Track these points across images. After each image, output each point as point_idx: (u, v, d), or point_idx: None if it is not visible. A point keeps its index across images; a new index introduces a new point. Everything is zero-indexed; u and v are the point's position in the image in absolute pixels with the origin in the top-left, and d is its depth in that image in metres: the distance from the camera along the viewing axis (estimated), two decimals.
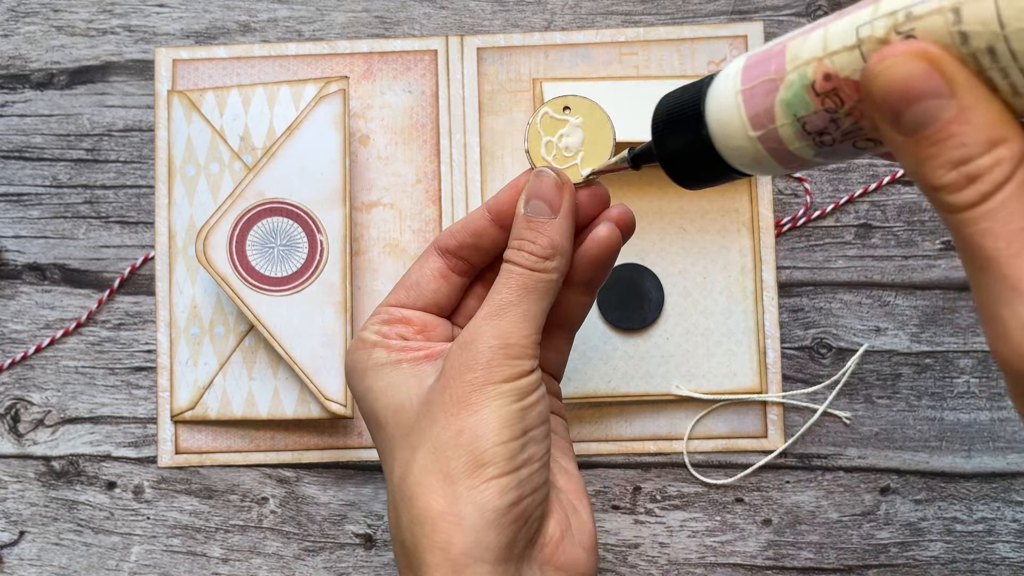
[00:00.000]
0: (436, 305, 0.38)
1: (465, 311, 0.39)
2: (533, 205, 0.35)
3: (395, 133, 0.50)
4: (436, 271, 0.38)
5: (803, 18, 0.50)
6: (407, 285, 0.38)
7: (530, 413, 0.34)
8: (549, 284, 0.35)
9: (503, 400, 0.33)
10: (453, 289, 0.38)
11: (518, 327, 0.34)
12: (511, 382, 0.33)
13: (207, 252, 0.47)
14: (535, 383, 0.34)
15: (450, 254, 0.37)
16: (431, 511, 0.32)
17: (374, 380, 0.36)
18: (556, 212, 0.35)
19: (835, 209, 0.49)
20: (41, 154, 0.51)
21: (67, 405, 0.50)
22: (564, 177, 0.36)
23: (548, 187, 0.35)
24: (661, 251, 0.49)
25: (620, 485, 0.48)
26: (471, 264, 0.38)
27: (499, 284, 0.35)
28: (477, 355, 0.33)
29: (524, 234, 0.35)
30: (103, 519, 0.49)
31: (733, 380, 0.48)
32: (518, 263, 0.35)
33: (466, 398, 0.33)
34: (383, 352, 0.36)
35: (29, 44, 0.51)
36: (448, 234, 0.37)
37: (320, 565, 0.48)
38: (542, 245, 0.35)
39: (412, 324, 0.37)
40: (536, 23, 0.51)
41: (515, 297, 0.34)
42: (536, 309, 0.34)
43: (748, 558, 0.48)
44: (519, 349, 0.34)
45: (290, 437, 0.49)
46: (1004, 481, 0.48)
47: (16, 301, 0.50)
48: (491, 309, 0.34)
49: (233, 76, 0.51)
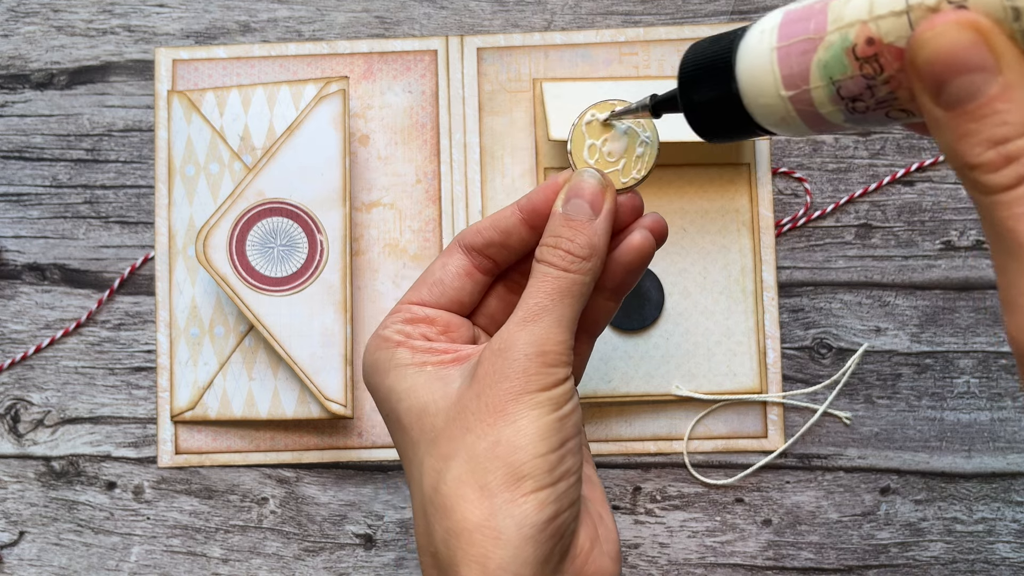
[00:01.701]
0: (459, 304, 0.37)
1: (486, 311, 0.38)
2: (574, 204, 0.34)
3: (395, 133, 0.50)
4: (461, 269, 0.36)
5: None
6: (430, 283, 0.37)
7: (567, 424, 0.33)
8: (584, 287, 0.34)
9: (541, 410, 0.32)
10: (476, 288, 0.37)
11: (553, 333, 0.33)
12: (548, 391, 0.33)
13: (207, 252, 0.47)
14: (570, 391, 0.34)
15: (475, 252, 0.36)
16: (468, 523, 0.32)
17: (397, 381, 0.35)
18: (597, 213, 0.34)
19: (835, 209, 0.49)
20: (41, 154, 0.51)
21: (67, 405, 0.50)
22: (607, 180, 0.35)
23: (591, 187, 0.34)
24: (661, 251, 0.49)
25: (620, 485, 0.48)
26: (496, 263, 0.37)
27: (532, 287, 0.34)
28: (513, 363, 0.32)
29: (562, 232, 0.34)
30: (103, 519, 0.49)
31: (733, 380, 0.48)
32: (553, 263, 0.34)
33: (502, 407, 0.32)
34: (407, 352, 0.35)
35: (29, 44, 0.51)
36: (474, 231, 0.36)
37: (320, 565, 0.48)
38: (580, 244, 0.34)
39: (435, 324, 0.36)
40: (536, 23, 0.51)
41: (550, 301, 0.33)
42: (570, 313, 0.34)
43: (748, 558, 0.48)
44: (555, 356, 0.33)
45: (290, 437, 0.49)
46: (1004, 481, 0.48)
47: (16, 301, 0.50)
48: (525, 314, 0.33)
49: (233, 76, 0.51)
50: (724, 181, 0.49)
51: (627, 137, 0.35)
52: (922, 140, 0.49)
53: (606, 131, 0.35)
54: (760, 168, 0.49)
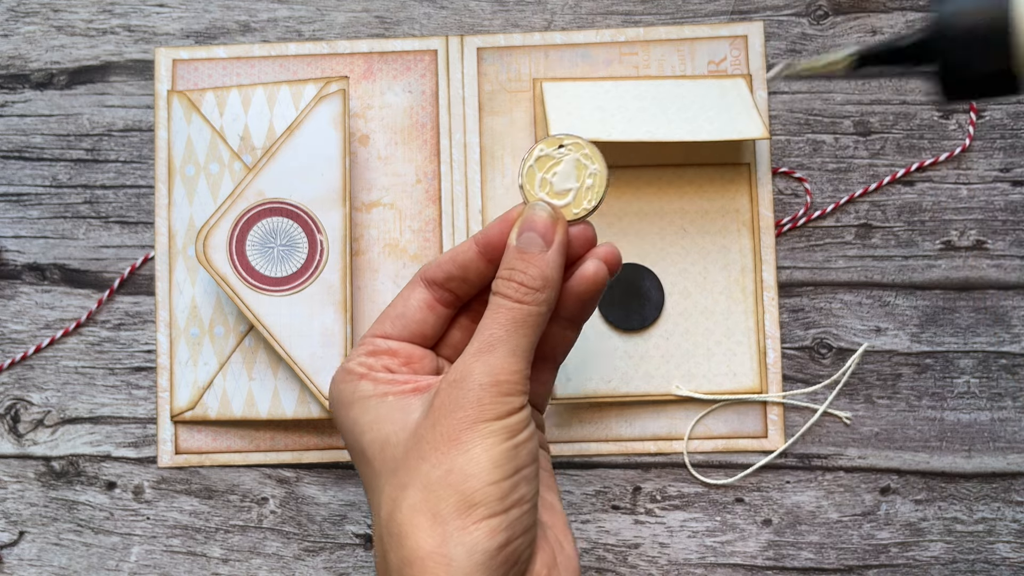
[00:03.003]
0: (422, 336, 0.38)
1: (450, 342, 0.39)
2: (526, 237, 0.35)
3: (395, 133, 0.50)
4: (422, 302, 0.38)
5: (803, 18, 0.50)
6: (392, 316, 0.38)
7: (521, 452, 0.33)
8: (538, 317, 0.35)
9: (494, 439, 0.33)
10: (439, 320, 0.38)
11: (508, 363, 0.34)
12: (502, 419, 0.33)
13: (207, 252, 0.47)
14: (525, 420, 0.34)
15: (436, 285, 0.38)
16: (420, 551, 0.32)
17: (360, 413, 0.36)
18: (549, 245, 0.35)
19: (835, 209, 0.49)
20: (41, 154, 0.51)
21: (67, 405, 0.50)
22: (558, 212, 0.36)
23: (542, 220, 0.35)
24: (661, 251, 0.49)
25: (620, 485, 0.48)
26: (457, 296, 0.38)
27: (488, 319, 0.35)
28: (467, 392, 0.33)
29: (515, 264, 0.35)
30: (103, 519, 0.49)
31: (733, 380, 0.48)
32: (508, 295, 0.35)
33: (456, 436, 0.33)
34: (369, 384, 0.36)
35: (29, 44, 0.51)
36: (435, 266, 0.38)
37: (320, 565, 0.48)
38: (533, 276, 0.35)
39: (398, 356, 0.37)
40: (536, 23, 0.51)
41: (504, 332, 0.34)
42: (525, 343, 0.35)
43: (748, 558, 0.48)
44: (509, 386, 0.34)
45: (290, 437, 0.49)
46: (1004, 481, 0.48)
47: (16, 301, 0.50)
48: (480, 345, 0.34)
49: (233, 76, 0.51)
50: (724, 181, 0.49)
51: (575, 169, 0.36)
52: (922, 140, 0.49)
53: (556, 164, 0.37)
54: (760, 168, 0.49)
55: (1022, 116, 0.49)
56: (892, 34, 0.50)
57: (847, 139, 0.49)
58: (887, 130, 0.49)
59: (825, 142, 0.50)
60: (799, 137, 0.50)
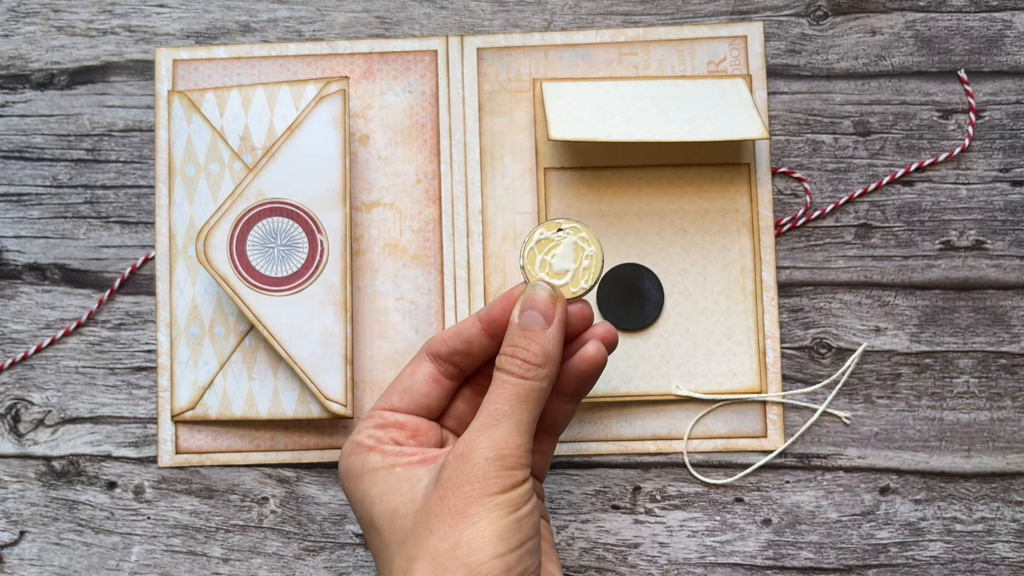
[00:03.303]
0: (427, 408, 0.40)
1: (454, 413, 0.41)
2: (528, 316, 0.37)
3: (395, 133, 0.50)
4: (428, 376, 0.40)
5: (802, 18, 0.50)
6: (400, 389, 0.40)
7: (525, 525, 0.35)
8: (540, 392, 0.37)
9: (499, 512, 0.34)
10: (443, 393, 0.40)
11: (512, 437, 0.36)
12: (506, 493, 0.35)
13: (207, 252, 0.47)
14: (528, 493, 0.36)
15: (441, 359, 0.40)
16: None
17: (370, 485, 0.37)
18: (549, 323, 0.37)
19: (835, 209, 0.49)
20: (41, 154, 0.51)
21: (67, 405, 0.50)
22: (558, 291, 0.38)
23: (543, 299, 0.38)
24: (661, 251, 0.49)
25: (620, 485, 0.48)
26: (461, 369, 0.40)
27: (492, 394, 0.37)
28: (473, 467, 0.35)
29: (518, 342, 0.37)
30: (103, 519, 0.49)
31: (733, 380, 0.48)
32: (511, 372, 0.37)
33: (463, 510, 0.34)
34: (378, 456, 0.38)
35: (29, 44, 0.51)
36: (439, 341, 0.40)
37: (320, 565, 0.48)
38: (535, 353, 0.37)
39: (405, 428, 0.39)
40: (536, 23, 0.51)
41: (508, 407, 0.36)
42: (528, 417, 0.36)
43: (748, 558, 0.48)
44: (513, 459, 0.35)
45: (290, 437, 0.49)
46: (1004, 481, 0.48)
47: (16, 301, 0.50)
48: (485, 420, 0.36)
49: (233, 76, 0.51)
50: (724, 181, 0.49)
51: (572, 251, 0.39)
52: (921, 140, 0.49)
53: (555, 247, 0.39)
54: (760, 168, 0.49)
55: (1021, 116, 0.49)
56: (892, 35, 0.50)
57: (847, 139, 0.50)
58: (887, 130, 0.49)
59: (825, 142, 0.50)
60: (799, 137, 0.50)
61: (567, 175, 0.49)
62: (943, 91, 0.50)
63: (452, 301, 0.49)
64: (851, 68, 0.50)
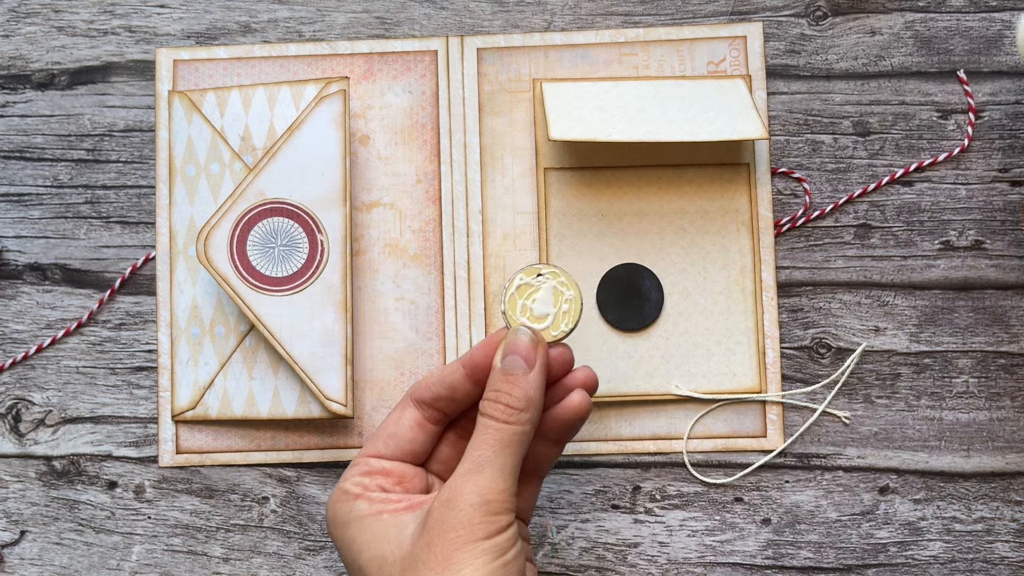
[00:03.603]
0: (412, 454, 0.40)
1: (439, 458, 0.41)
2: (510, 360, 0.38)
3: (395, 133, 0.50)
4: (412, 421, 0.40)
5: (802, 19, 0.50)
6: (384, 436, 0.40)
7: (511, 569, 0.35)
8: (523, 436, 0.37)
9: (485, 558, 0.35)
10: (428, 438, 0.40)
11: (496, 482, 0.36)
12: (491, 539, 0.35)
13: (208, 252, 0.47)
14: (513, 537, 0.36)
15: (425, 405, 0.40)
16: None
17: (357, 532, 0.38)
18: (531, 367, 0.38)
19: (834, 209, 0.49)
20: (42, 154, 0.51)
21: (68, 405, 0.50)
22: (539, 336, 0.39)
23: (524, 344, 0.38)
24: (661, 251, 0.49)
25: (620, 484, 0.48)
26: (445, 414, 0.41)
27: (476, 440, 0.37)
28: (459, 513, 0.35)
29: (500, 386, 0.38)
30: (104, 519, 0.49)
31: (732, 380, 0.48)
32: (494, 416, 0.37)
33: (449, 556, 0.35)
34: (365, 504, 0.38)
35: (30, 44, 0.51)
36: (423, 387, 0.40)
37: (321, 564, 0.48)
38: (517, 397, 0.37)
39: (391, 475, 0.40)
40: (536, 24, 0.51)
41: (492, 453, 0.37)
42: (512, 461, 0.37)
43: (747, 557, 0.48)
44: (498, 504, 0.36)
45: (290, 437, 0.49)
46: (1003, 481, 0.48)
47: (17, 301, 0.50)
48: (470, 465, 0.37)
49: (233, 76, 0.51)
50: (723, 181, 0.49)
51: (552, 295, 0.40)
52: (921, 140, 0.49)
53: (535, 291, 0.40)
54: (759, 168, 0.49)
55: (1020, 116, 0.49)
56: (891, 35, 0.50)
57: (846, 139, 0.50)
58: (886, 130, 0.50)
59: (824, 142, 0.50)
60: (798, 137, 0.50)
61: (567, 175, 0.49)
62: (942, 91, 0.50)
63: (452, 301, 0.49)
64: (850, 68, 0.50)
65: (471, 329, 0.49)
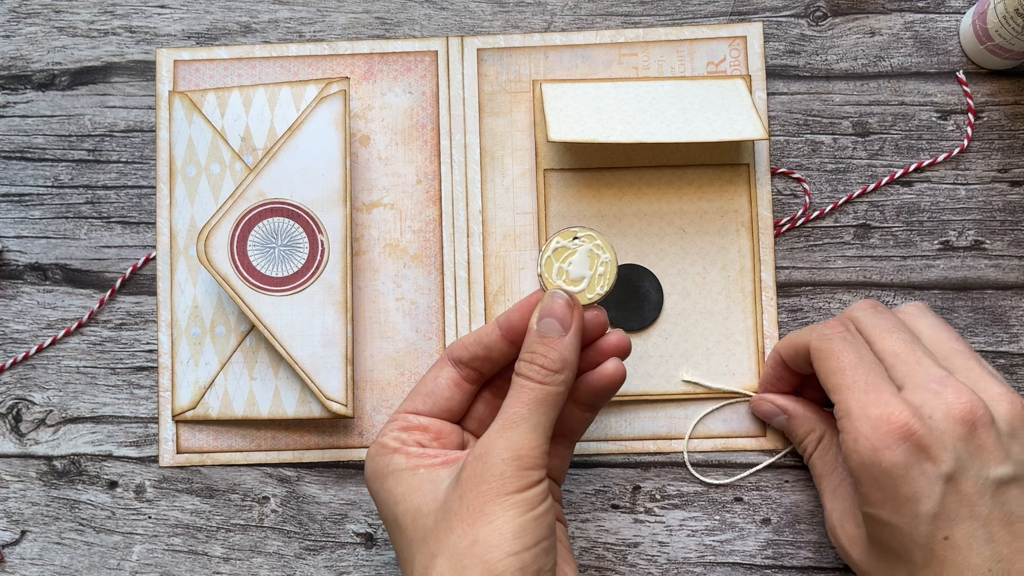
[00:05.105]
0: (449, 412, 0.41)
1: (474, 416, 0.42)
2: (546, 323, 0.39)
3: (395, 134, 0.50)
4: (450, 380, 0.41)
5: (802, 19, 0.50)
6: (423, 393, 0.41)
7: (541, 524, 0.36)
8: (557, 397, 0.38)
9: (516, 511, 0.35)
10: (464, 396, 0.41)
11: (529, 439, 0.37)
12: (522, 492, 0.36)
13: (208, 252, 0.47)
14: (544, 493, 0.37)
15: (462, 364, 0.41)
16: None
17: (394, 485, 0.39)
18: (567, 330, 0.38)
19: (834, 209, 0.49)
20: (43, 155, 0.51)
21: (69, 405, 0.50)
22: (574, 299, 0.39)
23: (560, 307, 0.39)
24: (660, 251, 0.49)
25: (620, 484, 0.49)
26: (481, 373, 0.41)
27: (511, 398, 0.38)
28: (491, 467, 0.36)
29: (536, 348, 0.38)
30: (104, 518, 0.49)
31: (732, 380, 0.48)
32: (530, 377, 0.38)
33: (481, 508, 0.35)
34: (402, 458, 0.39)
35: (31, 45, 0.52)
36: (460, 346, 0.41)
37: (321, 564, 0.49)
38: (552, 359, 0.38)
39: (428, 431, 0.40)
40: (536, 24, 0.51)
41: (526, 410, 0.37)
42: (545, 420, 0.37)
43: (747, 557, 0.48)
44: (530, 460, 0.36)
45: (291, 436, 0.49)
46: None
47: (18, 301, 0.50)
48: (504, 422, 0.37)
49: (234, 77, 0.51)
50: (723, 181, 0.49)
51: (588, 259, 0.40)
52: (920, 141, 0.50)
53: (571, 255, 0.40)
54: (759, 168, 0.49)
55: (1020, 117, 0.49)
56: (891, 35, 0.50)
57: (846, 140, 0.50)
58: (885, 131, 0.50)
59: (824, 143, 0.50)
60: (798, 138, 0.50)
61: (567, 176, 0.49)
62: (942, 92, 0.50)
63: (452, 301, 0.49)
64: (850, 69, 0.50)
65: (471, 329, 0.49)
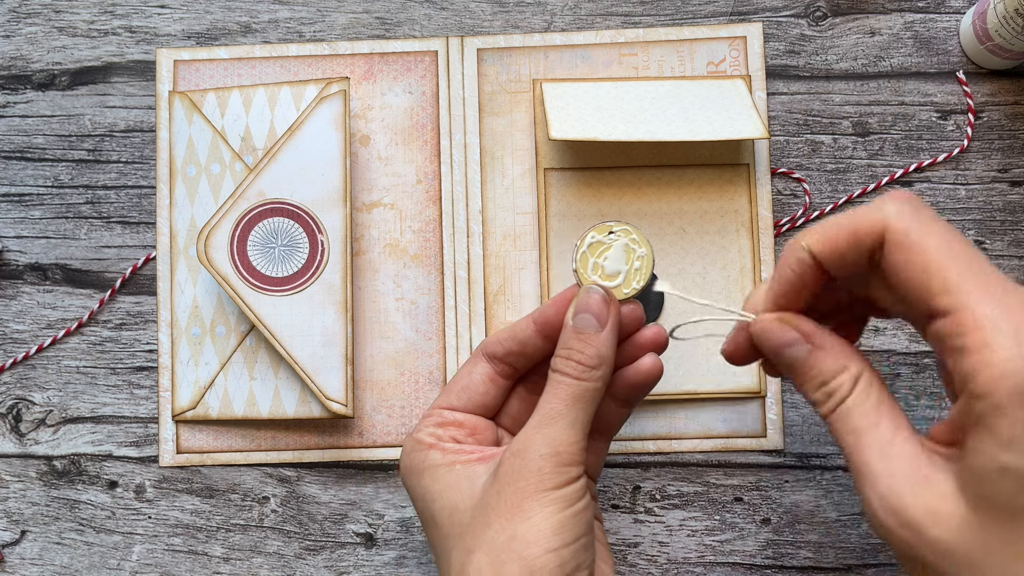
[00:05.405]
0: (484, 407, 0.41)
1: (509, 412, 0.42)
2: (582, 318, 0.38)
3: (395, 133, 0.50)
4: (485, 375, 0.41)
5: (802, 19, 0.50)
6: (457, 389, 0.41)
7: (580, 521, 0.36)
8: (595, 393, 0.37)
9: (554, 507, 0.35)
10: (499, 392, 0.41)
11: (566, 435, 0.36)
12: (561, 489, 0.36)
13: (208, 252, 0.47)
14: (582, 489, 0.36)
15: (497, 360, 0.41)
16: None
17: (431, 481, 0.38)
18: (603, 326, 0.38)
19: (834, 209, 0.49)
20: (43, 155, 0.51)
21: (69, 405, 0.50)
22: (610, 294, 0.39)
23: (596, 303, 0.38)
24: (660, 251, 0.49)
25: (620, 484, 0.49)
26: (515, 369, 0.41)
27: (548, 394, 0.37)
28: (529, 463, 0.36)
29: (573, 344, 0.38)
30: (104, 518, 0.49)
31: (732, 380, 0.48)
32: (567, 373, 0.37)
33: (519, 504, 0.35)
34: (438, 454, 0.39)
35: (31, 45, 0.52)
36: (495, 342, 0.41)
37: (321, 564, 0.49)
38: (589, 355, 0.37)
39: (464, 427, 0.40)
40: (536, 24, 0.51)
41: (564, 407, 0.37)
42: (583, 416, 0.37)
43: (747, 557, 0.48)
44: (568, 456, 0.36)
45: (291, 436, 0.49)
46: None
47: (18, 301, 0.50)
48: (541, 418, 0.37)
49: (234, 77, 0.51)
50: (723, 181, 0.49)
51: (624, 253, 0.40)
52: (920, 141, 0.50)
53: (606, 249, 0.40)
54: (759, 168, 0.49)
55: (1019, 117, 0.49)
56: (891, 35, 0.50)
57: (846, 140, 0.50)
58: (886, 131, 0.50)
59: (824, 143, 0.50)
60: (798, 138, 0.50)
61: (567, 175, 0.49)
62: (942, 92, 0.50)
63: (452, 301, 0.49)
64: (850, 69, 0.50)
65: (471, 329, 0.49)
